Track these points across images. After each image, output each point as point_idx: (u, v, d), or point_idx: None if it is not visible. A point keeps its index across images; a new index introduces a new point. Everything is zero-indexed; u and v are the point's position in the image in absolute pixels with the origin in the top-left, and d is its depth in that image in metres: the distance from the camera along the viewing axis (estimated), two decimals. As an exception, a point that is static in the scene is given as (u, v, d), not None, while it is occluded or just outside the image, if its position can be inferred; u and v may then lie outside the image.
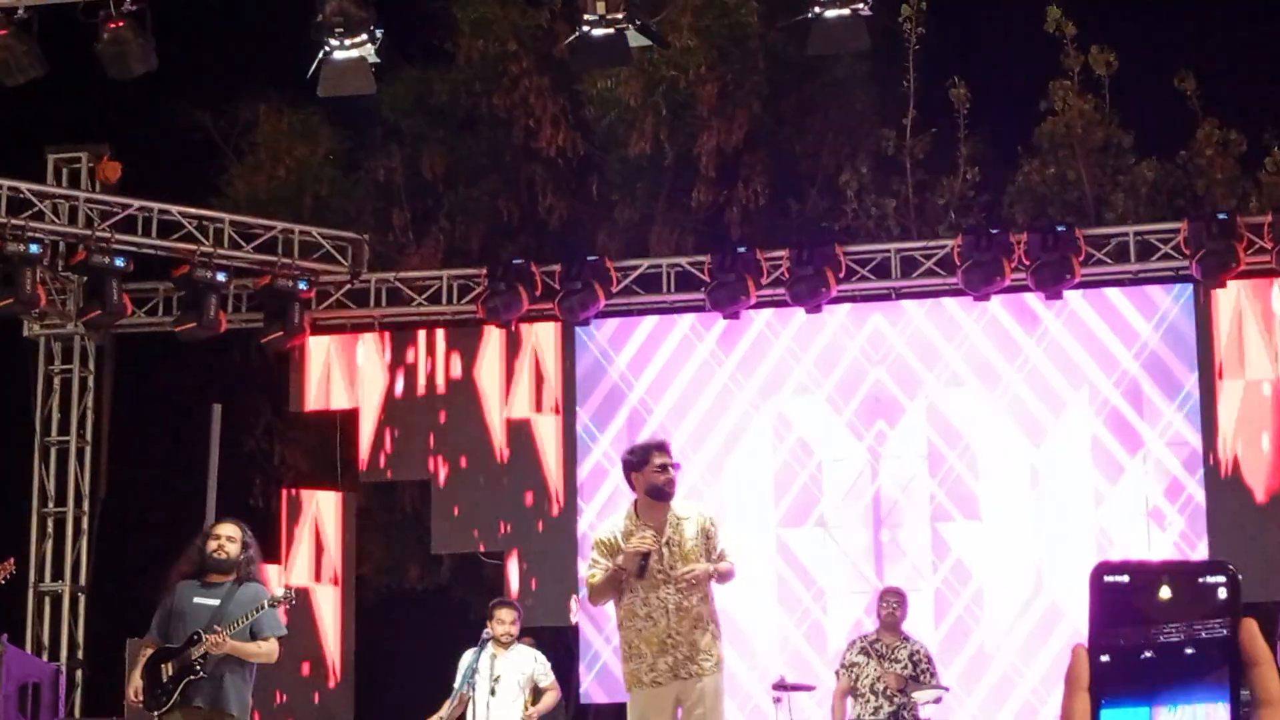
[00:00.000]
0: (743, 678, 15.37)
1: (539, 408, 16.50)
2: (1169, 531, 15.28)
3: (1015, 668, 15.34)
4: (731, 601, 15.76)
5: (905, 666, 12.37)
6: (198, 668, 9.62)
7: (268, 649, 9.91)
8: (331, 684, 16.54)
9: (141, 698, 9.83)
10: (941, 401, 15.83)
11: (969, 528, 15.63)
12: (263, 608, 9.76)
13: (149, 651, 9.91)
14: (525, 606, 13.43)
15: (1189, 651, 1.67)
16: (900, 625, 12.66)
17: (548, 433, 16.43)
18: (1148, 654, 1.67)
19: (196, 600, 9.80)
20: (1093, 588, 1.71)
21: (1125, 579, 1.71)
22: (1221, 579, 1.70)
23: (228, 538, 9.93)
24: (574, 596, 15.14)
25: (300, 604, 15.86)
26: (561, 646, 15.74)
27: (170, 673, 9.68)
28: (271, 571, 16.26)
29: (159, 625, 9.91)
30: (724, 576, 9.22)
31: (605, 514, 15.49)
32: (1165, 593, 1.69)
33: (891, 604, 12.68)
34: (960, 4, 18.58)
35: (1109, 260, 15.73)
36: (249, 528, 10.21)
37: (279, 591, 10.20)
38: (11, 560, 12.63)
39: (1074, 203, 18.13)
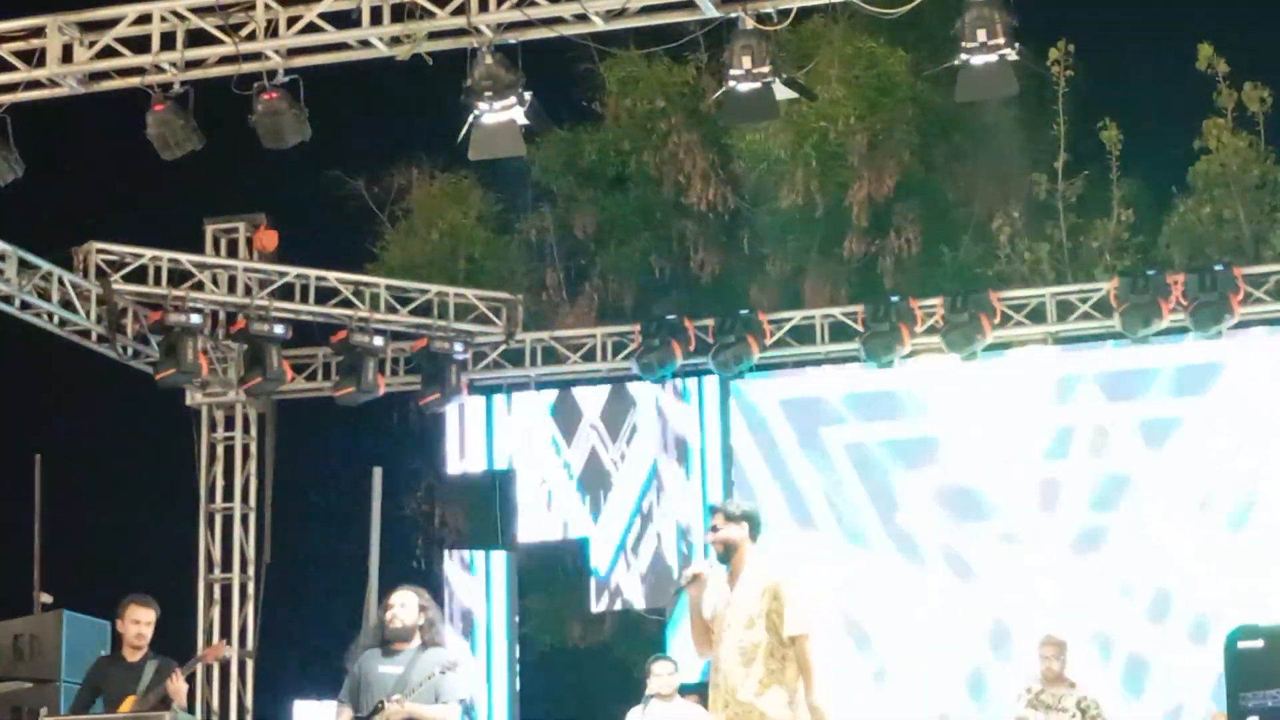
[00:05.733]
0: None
1: (691, 462, 16.51)
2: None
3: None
4: (888, 649, 15.70)
5: (1074, 715, 12.18)
6: None
7: (444, 713, 9.96)
8: (497, 744, 16.57)
9: None
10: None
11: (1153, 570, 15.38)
12: (434, 675, 9.82)
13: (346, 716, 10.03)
14: (687, 663, 13.34)
15: None
16: (1063, 674, 12.44)
17: (700, 487, 16.42)
18: None
19: (381, 670, 9.92)
20: (1227, 654, 1.68)
21: (1260, 644, 1.68)
22: None
23: (400, 605, 10.02)
24: None
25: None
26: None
27: None
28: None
29: (350, 693, 10.03)
30: None
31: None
32: None
33: (1049, 654, 12.46)
34: (1108, 45, 18.43)
35: (1268, 299, 15.51)
36: (426, 592, 10.29)
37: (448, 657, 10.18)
38: (223, 642, 12.69)
39: (1231, 241, 17.88)
